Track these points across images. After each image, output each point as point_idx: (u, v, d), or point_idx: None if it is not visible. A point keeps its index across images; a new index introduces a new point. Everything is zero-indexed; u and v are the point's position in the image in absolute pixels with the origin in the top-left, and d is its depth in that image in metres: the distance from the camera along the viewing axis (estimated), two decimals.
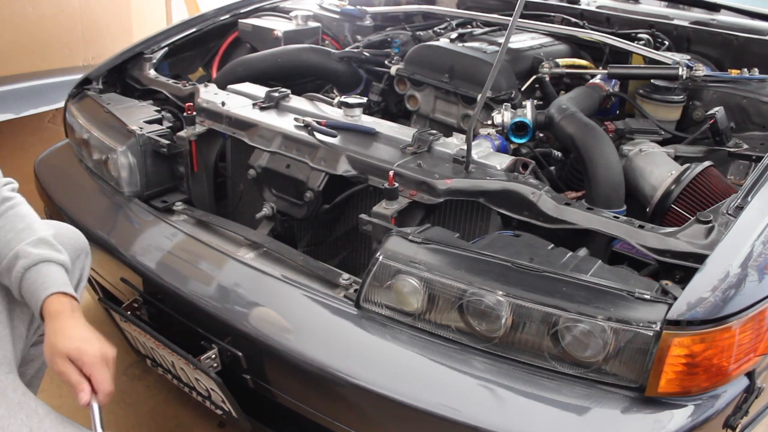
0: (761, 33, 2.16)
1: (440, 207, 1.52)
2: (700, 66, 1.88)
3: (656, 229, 1.29)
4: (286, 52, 2.19)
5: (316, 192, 1.60)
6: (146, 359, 1.66)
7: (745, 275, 1.17)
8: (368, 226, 1.43)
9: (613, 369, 1.15)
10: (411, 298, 1.28)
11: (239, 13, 2.50)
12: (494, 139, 1.70)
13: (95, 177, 1.90)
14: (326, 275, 1.45)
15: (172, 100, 2.00)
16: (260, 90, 1.93)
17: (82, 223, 1.73)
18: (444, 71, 1.97)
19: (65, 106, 2.07)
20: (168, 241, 1.62)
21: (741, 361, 1.17)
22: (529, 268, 1.23)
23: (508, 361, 1.21)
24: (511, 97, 1.89)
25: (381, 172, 1.51)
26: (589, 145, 1.57)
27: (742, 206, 1.29)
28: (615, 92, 1.98)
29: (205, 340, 1.43)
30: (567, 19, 2.46)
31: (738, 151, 1.74)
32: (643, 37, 2.23)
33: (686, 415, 1.14)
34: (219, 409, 1.52)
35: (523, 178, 1.46)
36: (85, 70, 2.25)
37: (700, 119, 1.90)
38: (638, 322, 1.12)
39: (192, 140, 1.80)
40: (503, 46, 1.37)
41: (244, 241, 1.60)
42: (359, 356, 1.26)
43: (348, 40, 2.53)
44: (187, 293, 1.45)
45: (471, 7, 2.74)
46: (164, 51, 2.22)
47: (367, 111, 1.89)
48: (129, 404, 1.99)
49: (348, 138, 1.65)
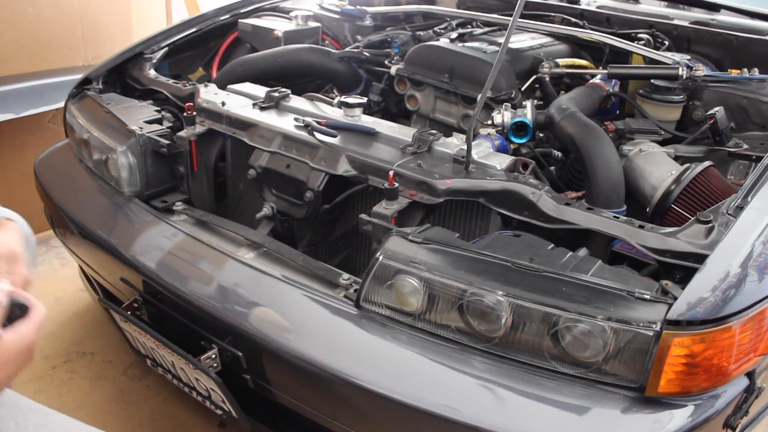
0: (761, 33, 2.16)
1: (440, 207, 1.52)
2: (700, 66, 1.88)
3: (656, 229, 1.29)
4: (286, 52, 2.19)
5: (316, 192, 1.60)
6: (146, 359, 1.66)
7: (745, 275, 1.17)
8: (368, 226, 1.43)
9: (613, 369, 1.15)
10: (411, 298, 1.28)
11: (239, 13, 2.50)
12: (494, 139, 1.70)
13: (95, 177, 1.90)
14: (326, 275, 1.45)
15: (172, 100, 2.00)
16: (260, 90, 1.93)
17: (82, 223, 1.73)
18: (444, 71, 1.97)
19: (65, 106, 2.07)
20: (168, 241, 1.62)
21: (741, 361, 1.17)
22: (529, 268, 1.23)
23: (508, 361, 1.21)
24: (511, 97, 1.89)
25: (381, 172, 1.51)
26: (589, 145, 1.57)
27: (742, 206, 1.29)
28: (615, 92, 1.98)
29: (205, 340, 1.43)
30: (567, 19, 2.46)
31: (738, 151, 1.74)
32: (643, 37, 2.23)
33: (686, 415, 1.14)
34: (219, 409, 1.52)
35: (523, 178, 1.46)
36: (85, 70, 2.25)
37: (700, 119, 1.90)
38: (638, 322, 1.12)
39: (192, 140, 1.80)
40: (503, 46, 1.37)
41: (244, 241, 1.60)
42: (359, 356, 1.26)
43: (348, 40, 2.53)
44: (187, 293, 1.45)
45: (471, 7, 2.74)
46: (164, 51, 2.22)
47: (367, 111, 1.88)
48: (129, 404, 1.99)
49: (348, 138, 1.65)
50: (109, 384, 2.06)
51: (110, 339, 2.21)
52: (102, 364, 2.14)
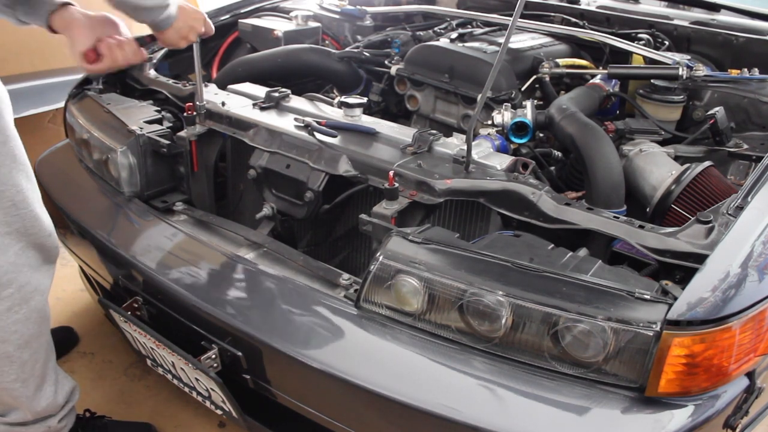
0: (761, 33, 2.16)
1: (440, 207, 1.53)
2: (700, 66, 1.88)
3: (656, 229, 1.29)
4: (286, 52, 2.19)
5: (316, 192, 1.60)
6: (146, 359, 1.66)
7: (745, 275, 1.17)
8: (368, 226, 1.43)
9: (613, 369, 1.15)
10: (411, 298, 1.28)
11: (239, 13, 2.50)
12: (494, 139, 1.70)
13: (95, 177, 1.90)
14: (326, 275, 1.45)
15: (172, 100, 2.00)
16: (260, 90, 1.93)
17: (82, 223, 1.73)
18: (444, 71, 1.97)
19: (65, 106, 2.07)
20: (168, 241, 1.62)
21: (741, 361, 1.17)
22: (529, 268, 1.23)
23: (508, 361, 1.21)
24: (511, 97, 1.89)
25: (381, 172, 1.51)
26: (589, 145, 1.57)
27: (742, 206, 1.29)
28: (615, 92, 1.98)
29: (205, 340, 1.43)
30: (567, 19, 2.46)
31: (738, 151, 1.74)
32: (643, 37, 2.23)
33: (686, 415, 1.14)
34: (219, 409, 1.52)
35: (523, 178, 1.46)
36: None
37: (700, 119, 1.90)
38: (638, 322, 1.12)
39: (192, 140, 1.80)
40: (503, 46, 1.37)
41: (244, 241, 1.61)
42: (359, 356, 1.26)
43: (348, 40, 2.54)
44: (187, 293, 1.45)
45: (471, 7, 2.75)
46: (164, 51, 2.22)
47: (367, 111, 1.89)
48: (129, 404, 1.99)
49: (348, 138, 1.65)
50: (109, 384, 2.06)
51: (110, 339, 2.21)
52: (102, 364, 2.14)
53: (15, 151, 1.37)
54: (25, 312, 1.44)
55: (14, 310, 1.42)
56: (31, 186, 1.42)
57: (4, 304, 1.40)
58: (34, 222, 1.42)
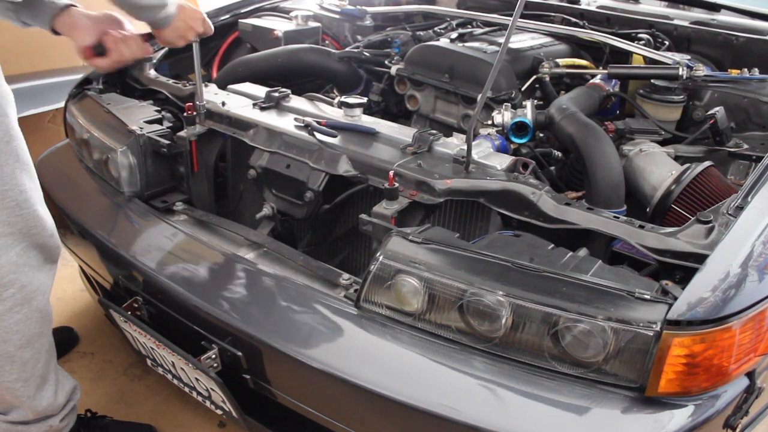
0: (761, 33, 2.16)
1: (440, 207, 1.52)
2: (700, 66, 1.88)
3: (656, 229, 1.29)
4: (286, 52, 2.19)
5: (316, 192, 1.60)
6: (146, 359, 1.67)
7: (745, 275, 1.17)
8: (368, 226, 1.43)
9: (613, 369, 1.15)
10: (411, 298, 1.28)
11: (239, 13, 2.50)
12: (494, 139, 1.70)
13: (95, 177, 1.90)
14: (326, 275, 1.45)
15: (172, 100, 2.00)
16: (260, 90, 1.93)
17: (83, 223, 1.73)
18: (444, 71, 1.97)
19: (65, 106, 2.07)
20: (168, 241, 1.62)
21: (741, 361, 1.17)
22: (529, 268, 1.22)
23: (508, 361, 1.21)
24: (511, 97, 1.89)
25: (381, 172, 1.51)
26: (589, 145, 1.57)
27: (742, 206, 1.28)
28: (615, 92, 1.98)
29: (205, 340, 1.43)
30: (567, 19, 2.46)
31: (738, 151, 1.74)
32: (643, 37, 2.23)
33: (686, 415, 1.14)
34: (219, 409, 1.52)
35: (523, 178, 1.46)
36: (85, 70, 2.25)
37: (700, 119, 1.90)
38: (638, 322, 1.12)
39: (192, 140, 1.80)
40: (503, 46, 1.37)
41: (244, 241, 1.61)
42: (359, 356, 1.26)
43: (348, 40, 2.53)
44: (187, 293, 1.45)
45: (471, 7, 2.75)
46: (164, 51, 2.22)
47: (367, 111, 1.88)
48: (129, 404, 1.99)
49: (348, 138, 1.65)
50: (109, 384, 2.06)
51: (110, 339, 2.21)
52: (102, 364, 2.14)
53: (18, 150, 1.37)
54: (26, 312, 1.44)
55: (16, 310, 1.42)
56: (33, 186, 1.42)
57: (5, 304, 1.40)
58: (36, 222, 1.42)
